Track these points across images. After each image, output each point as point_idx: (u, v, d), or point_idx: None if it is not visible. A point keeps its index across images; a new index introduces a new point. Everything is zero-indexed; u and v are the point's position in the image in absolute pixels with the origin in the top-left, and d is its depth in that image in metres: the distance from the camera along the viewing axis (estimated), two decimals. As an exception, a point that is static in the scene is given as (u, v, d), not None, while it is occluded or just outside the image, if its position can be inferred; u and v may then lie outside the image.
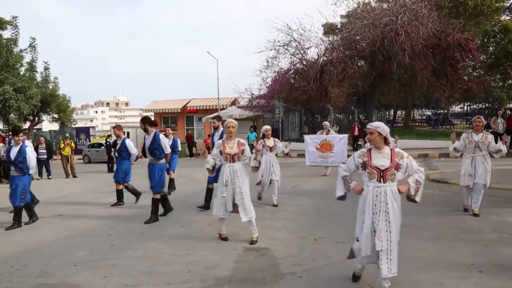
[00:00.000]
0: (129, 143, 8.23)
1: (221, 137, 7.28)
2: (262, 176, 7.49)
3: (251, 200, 5.26)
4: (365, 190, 3.50)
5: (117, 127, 8.39)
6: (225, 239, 5.34)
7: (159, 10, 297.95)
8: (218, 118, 7.58)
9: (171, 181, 9.56)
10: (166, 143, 6.82)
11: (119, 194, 8.26)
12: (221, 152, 5.14)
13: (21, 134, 6.80)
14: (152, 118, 7.58)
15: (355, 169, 3.58)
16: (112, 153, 13.93)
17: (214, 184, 6.50)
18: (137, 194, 8.24)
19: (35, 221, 6.89)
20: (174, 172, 9.59)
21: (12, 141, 6.80)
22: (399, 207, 3.43)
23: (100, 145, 21.95)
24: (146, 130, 6.71)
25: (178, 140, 9.57)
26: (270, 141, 7.69)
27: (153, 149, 6.65)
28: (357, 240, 3.52)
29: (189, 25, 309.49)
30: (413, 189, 3.41)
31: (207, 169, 5.32)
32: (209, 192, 7.35)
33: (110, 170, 15.62)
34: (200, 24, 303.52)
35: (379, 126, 3.47)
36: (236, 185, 5.10)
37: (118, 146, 8.24)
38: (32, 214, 6.98)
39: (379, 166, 3.39)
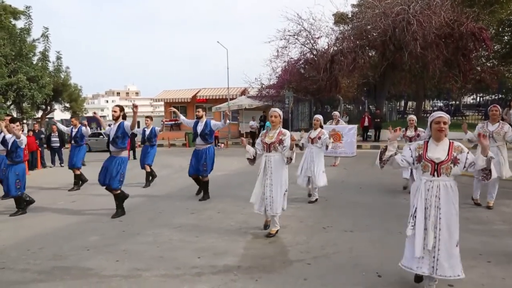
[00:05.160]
0: (85, 130, 9.32)
1: (205, 126, 7.37)
2: (300, 171, 6.96)
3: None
4: (417, 183, 3.34)
5: (74, 117, 9.87)
6: (265, 226, 5.25)
7: (168, 1, 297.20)
8: (203, 108, 7.79)
9: (148, 174, 9.33)
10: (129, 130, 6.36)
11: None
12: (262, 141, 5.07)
13: (18, 123, 6.65)
14: (162, 108, 7.66)
15: (412, 161, 3.34)
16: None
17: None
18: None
19: (20, 214, 6.65)
20: (150, 166, 9.30)
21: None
22: (457, 202, 3.22)
23: (99, 134, 21.92)
24: (117, 118, 6.32)
25: (157, 129, 9.55)
26: (314, 132, 7.00)
27: (116, 138, 6.20)
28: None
29: (199, 16, 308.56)
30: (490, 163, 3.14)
31: (248, 158, 5.18)
32: (198, 182, 7.64)
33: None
34: (210, 14, 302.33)
35: (448, 116, 3.28)
36: (268, 176, 4.94)
37: (73, 133, 9.33)
38: (22, 206, 6.71)
39: (434, 159, 3.18)
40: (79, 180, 9.17)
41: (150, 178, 9.30)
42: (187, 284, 3.64)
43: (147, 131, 9.30)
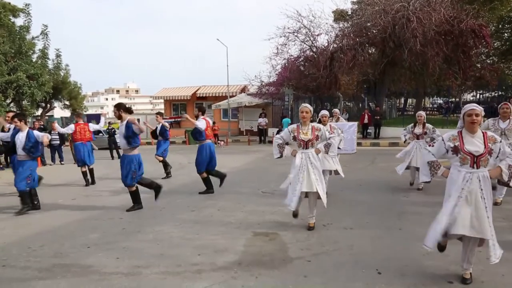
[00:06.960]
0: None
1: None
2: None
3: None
4: (455, 174, 3.37)
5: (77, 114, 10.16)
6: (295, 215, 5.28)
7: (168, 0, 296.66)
8: (200, 107, 7.96)
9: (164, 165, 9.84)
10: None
11: None
12: (294, 138, 4.98)
13: (16, 119, 6.64)
14: (162, 106, 7.74)
15: (444, 152, 3.41)
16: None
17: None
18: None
19: (24, 212, 6.53)
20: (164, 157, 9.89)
21: (15, 126, 6.69)
22: (491, 192, 3.36)
23: (99, 132, 21.87)
24: (120, 117, 6.36)
25: (166, 124, 9.75)
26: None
27: (128, 137, 6.27)
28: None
29: (199, 13, 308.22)
30: (506, 175, 3.30)
31: (277, 157, 5.13)
32: (206, 181, 7.81)
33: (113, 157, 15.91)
34: (209, 12, 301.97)
35: (481, 108, 3.34)
36: (311, 172, 4.93)
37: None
38: (26, 203, 6.59)
39: (473, 152, 3.24)
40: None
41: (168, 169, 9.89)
42: (188, 281, 3.64)
43: (158, 128, 9.66)
